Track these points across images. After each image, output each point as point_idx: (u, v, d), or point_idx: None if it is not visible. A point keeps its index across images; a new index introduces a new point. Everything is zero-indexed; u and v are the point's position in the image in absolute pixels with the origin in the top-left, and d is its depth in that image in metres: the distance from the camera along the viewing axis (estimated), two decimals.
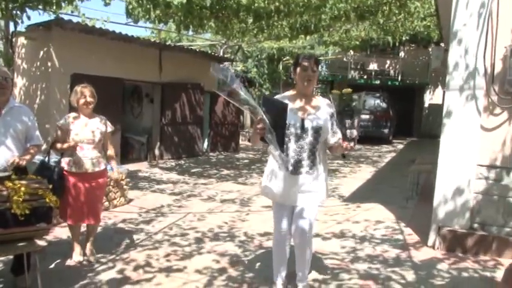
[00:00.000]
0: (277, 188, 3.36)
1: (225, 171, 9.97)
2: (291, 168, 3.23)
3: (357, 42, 15.75)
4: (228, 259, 4.40)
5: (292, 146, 3.23)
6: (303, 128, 3.22)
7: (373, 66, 23.97)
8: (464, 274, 4.19)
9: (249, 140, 3.55)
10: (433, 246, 4.86)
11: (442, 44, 13.49)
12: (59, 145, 4.06)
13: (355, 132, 3.09)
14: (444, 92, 5.25)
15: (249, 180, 8.99)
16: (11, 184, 3.00)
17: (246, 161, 11.82)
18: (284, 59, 19.95)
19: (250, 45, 17.50)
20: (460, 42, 4.68)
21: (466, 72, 4.65)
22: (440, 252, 4.75)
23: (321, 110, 3.31)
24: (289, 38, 12.74)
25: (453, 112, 4.74)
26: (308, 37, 14.03)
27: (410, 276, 4.08)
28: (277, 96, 3.38)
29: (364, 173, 10.35)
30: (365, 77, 23.44)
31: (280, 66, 20.17)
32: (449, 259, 4.55)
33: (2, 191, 2.95)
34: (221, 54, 16.52)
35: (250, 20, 9.57)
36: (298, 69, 3.27)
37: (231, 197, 7.33)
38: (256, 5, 8.50)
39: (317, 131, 3.23)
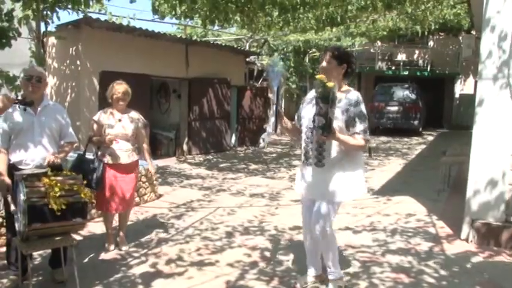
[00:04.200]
0: (296, 180, 3.56)
1: (253, 166, 9.99)
2: (303, 158, 3.34)
3: (384, 33, 15.55)
4: (259, 253, 4.42)
5: (303, 136, 3.33)
6: (314, 120, 3.14)
7: (401, 57, 23.55)
8: (500, 268, 4.10)
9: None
10: (466, 240, 4.77)
11: (473, 32, 13.17)
12: (96, 138, 4.27)
13: (322, 120, 3.06)
14: (476, 82, 5.12)
15: (277, 174, 8.99)
16: (47, 180, 3.08)
17: (273, 155, 11.80)
18: (310, 51, 19.79)
19: (276, 38, 17.42)
20: (493, 30, 4.55)
21: (500, 61, 4.52)
22: (474, 245, 4.66)
23: (339, 104, 3.15)
24: (315, 31, 12.65)
25: (486, 102, 4.62)
26: (334, 29, 13.92)
27: (443, 270, 4.01)
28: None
29: (393, 166, 10.22)
30: (393, 68, 23.05)
31: (307, 59, 20.02)
32: (484, 253, 4.45)
33: (39, 187, 3.03)
34: (247, 48, 16.53)
35: (276, 13, 9.53)
36: None
37: (260, 191, 7.34)
38: None
39: None
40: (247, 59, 15.11)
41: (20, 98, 2.66)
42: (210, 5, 7.82)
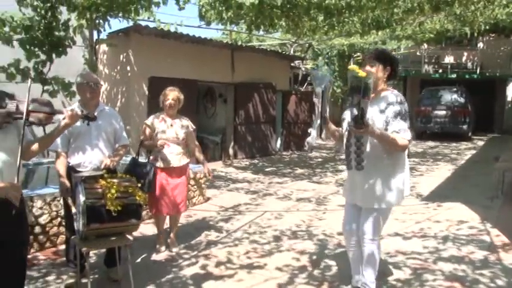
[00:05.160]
0: (344, 184, 3.53)
1: (299, 170, 9.96)
2: (346, 162, 3.32)
3: (431, 35, 15.12)
4: (308, 257, 4.41)
5: (344, 140, 3.30)
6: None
7: (448, 59, 22.89)
8: None
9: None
10: None
11: None
12: (147, 142, 4.42)
13: (355, 111, 2.98)
14: None
15: (323, 179, 8.92)
16: (104, 182, 3.19)
17: (319, 159, 11.73)
18: (355, 55, 19.56)
19: (320, 42, 17.32)
20: None
21: None
22: None
23: (377, 105, 3.11)
24: (361, 34, 12.50)
25: None
26: (380, 32, 13.71)
27: (500, 280, 3.86)
28: None
29: (442, 171, 9.95)
30: (440, 70, 22.42)
31: (351, 63, 19.83)
32: None
33: (97, 189, 3.15)
34: (291, 52, 16.53)
35: (321, 18, 9.49)
36: None
37: (307, 195, 7.31)
38: (327, 1, 8.42)
39: None
40: (292, 64, 15.13)
41: (85, 113, 2.78)
42: (256, 10, 7.88)
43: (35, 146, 2.66)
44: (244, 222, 5.65)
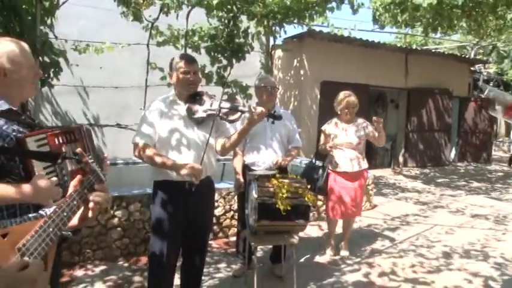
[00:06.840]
0: None
1: (475, 184, 9.17)
2: None
3: None
4: (482, 281, 4.02)
5: None
6: None
7: None
8: None
9: None
10: None
11: None
12: (322, 147, 4.50)
13: None
14: None
15: (504, 195, 8.07)
16: (276, 182, 3.34)
17: (499, 173, 10.64)
18: None
19: (507, 43, 15.69)
20: None
21: None
22: None
23: None
24: None
25: None
26: None
27: None
28: None
29: None
30: None
31: None
32: None
33: (269, 188, 3.31)
34: (472, 56, 15.30)
35: (510, 15, 8.60)
36: None
37: (483, 212, 6.70)
38: None
39: None
40: (472, 68, 13.99)
41: (271, 112, 2.90)
42: (434, 11, 7.48)
43: (229, 143, 2.87)
44: (411, 234, 5.40)
